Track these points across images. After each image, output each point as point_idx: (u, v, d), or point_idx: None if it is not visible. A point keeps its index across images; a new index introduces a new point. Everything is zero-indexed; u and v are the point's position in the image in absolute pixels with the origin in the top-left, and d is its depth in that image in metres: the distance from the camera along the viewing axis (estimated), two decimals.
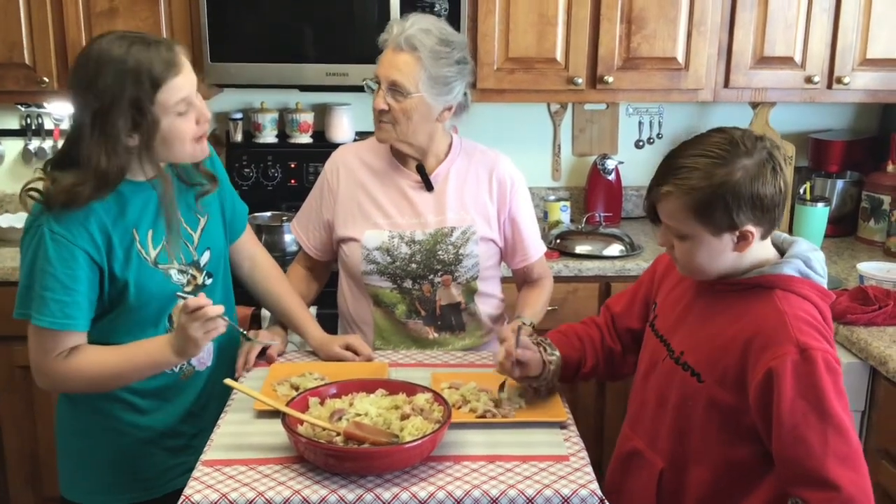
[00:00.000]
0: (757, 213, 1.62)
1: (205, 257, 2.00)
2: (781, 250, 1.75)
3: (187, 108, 1.80)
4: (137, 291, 1.87)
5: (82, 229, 1.80)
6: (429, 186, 2.27)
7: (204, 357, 2.02)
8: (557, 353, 1.95)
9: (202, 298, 1.76)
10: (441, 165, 2.29)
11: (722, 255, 1.67)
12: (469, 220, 2.27)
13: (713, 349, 1.69)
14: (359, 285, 2.31)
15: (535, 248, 2.38)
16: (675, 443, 1.76)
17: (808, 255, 1.71)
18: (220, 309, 1.77)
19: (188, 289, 1.96)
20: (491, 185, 2.31)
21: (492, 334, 2.39)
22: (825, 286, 1.71)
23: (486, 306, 2.36)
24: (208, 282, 2.01)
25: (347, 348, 2.15)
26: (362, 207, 2.27)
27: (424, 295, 2.27)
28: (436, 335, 2.31)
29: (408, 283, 2.26)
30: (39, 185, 1.81)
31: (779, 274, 1.67)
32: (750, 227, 1.63)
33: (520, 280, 2.44)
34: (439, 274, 2.26)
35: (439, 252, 2.25)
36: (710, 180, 1.60)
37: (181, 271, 1.94)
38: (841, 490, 1.55)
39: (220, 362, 2.07)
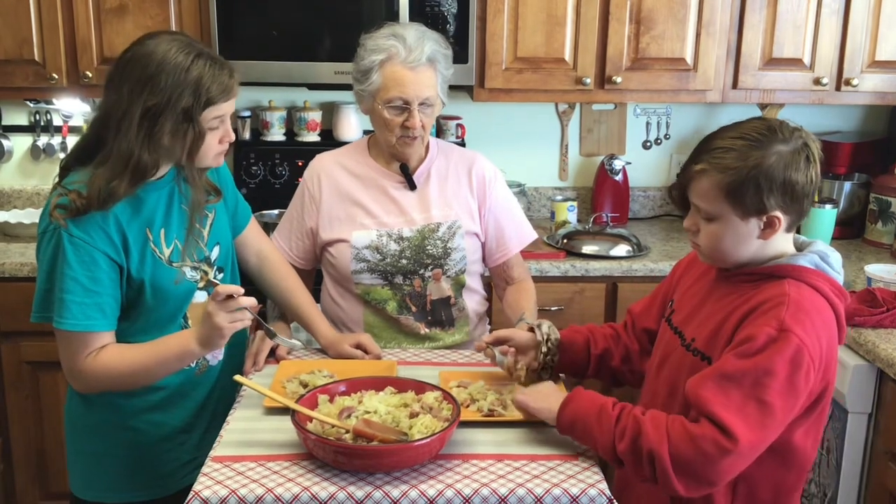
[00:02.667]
0: (787, 199, 1.62)
1: (215, 252, 2.02)
2: (800, 250, 1.76)
3: (219, 125, 1.85)
4: (153, 291, 1.88)
5: (100, 231, 1.81)
6: (412, 185, 2.30)
7: (217, 351, 2.02)
8: (556, 332, 2.00)
9: (233, 286, 1.76)
10: (422, 165, 2.33)
11: (747, 240, 1.67)
12: (453, 215, 2.31)
13: (715, 327, 1.70)
14: (347, 285, 2.32)
15: (515, 240, 2.41)
16: None
17: (825, 251, 1.71)
18: (251, 301, 1.78)
19: (200, 285, 1.96)
20: (471, 181, 2.35)
21: (479, 329, 2.43)
22: (840, 283, 1.71)
23: (472, 302, 2.39)
24: (219, 277, 2.02)
25: (358, 347, 2.16)
26: (347, 211, 2.30)
27: (415, 290, 2.29)
28: (427, 330, 2.33)
29: (398, 279, 2.28)
30: (58, 198, 1.80)
31: (793, 264, 1.68)
32: (778, 214, 1.63)
33: (500, 282, 2.46)
34: (429, 268, 2.29)
35: (428, 247, 2.27)
36: (744, 161, 1.61)
37: (194, 268, 1.95)
38: (737, 441, 1.54)
39: (230, 357, 2.07)
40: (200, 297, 1.98)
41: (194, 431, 2.02)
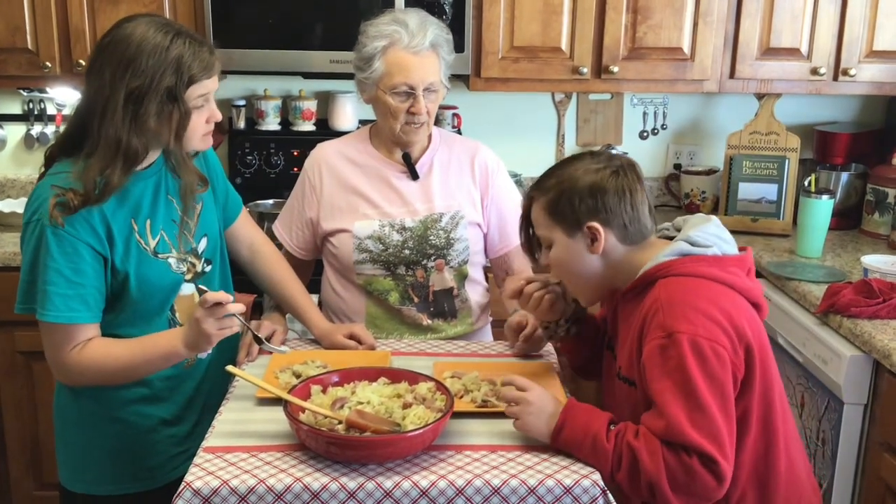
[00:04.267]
0: (598, 209, 1.72)
1: (202, 244, 2.00)
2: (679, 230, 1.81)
3: (204, 104, 1.84)
4: (139, 283, 1.87)
5: (84, 222, 1.79)
6: (414, 175, 2.29)
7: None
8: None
9: (222, 294, 1.75)
10: (424, 155, 2.32)
11: (582, 258, 1.76)
12: (456, 205, 2.30)
13: (628, 350, 1.73)
14: (349, 276, 2.31)
15: (517, 232, 2.38)
16: None
17: (690, 233, 1.74)
18: (240, 307, 1.77)
19: (188, 277, 1.95)
20: (473, 171, 2.34)
21: (481, 321, 2.41)
22: (720, 252, 1.72)
23: (474, 293, 2.38)
24: (207, 269, 2.01)
25: (351, 337, 2.15)
26: (349, 201, 2.28)
27: (418, 280, 2.28)
28: (429, 322, 2.32)
29: (401, 270, 2.27)
30: (56, 199, 1.77)
31: (657, 265, 1.71)
32: (595, 224, 1.72)
33: (500, 273, 2.45)
34: (432, 258, 2.28)
35: (431, 237, 2.26)
36: (557, 179, 1.78)
37: (180, 260, 1.94)
38: (719, 462, 1.56)
39: (220, 349, 2.05)
40: (187, 289, 1.96)
41: (183, 424, 2.01)
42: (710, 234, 1.74)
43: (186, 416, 2.02)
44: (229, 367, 1.78)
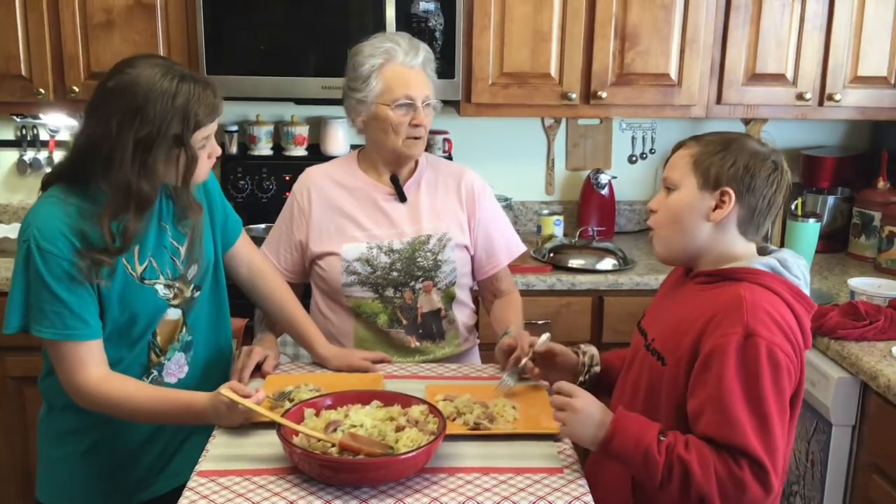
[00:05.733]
0: (744, 181, 1.72)
1: (192, 271, 1.99)
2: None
3: (206, 143, 1.86)
4: (122, 306, 1.87)
5: (67, 241, 1.78)
6: (402, 197, 2.31)
7: (174, 369, 2.00)
8: (594, 351, 2.05)
9: (239, 387, 1.80)
10: (412, 177, 2.35)
11: (696, 217, 1.76)
12: (444, 227, 2.32)
13: (675, 332, 1.74)
14: (337, 299, 2.32)
15: (504, 252, 2.42)
16: None
17: (785, 257, 1.76)
18: (260, 397, 1.81)
19: (175, 302, 1.96)
20: (460, 194, 2.37)
21: (468, 342, 2.43)
22: (802, 289, 1.74)
23: (461, 315, 2.40)
24: (196, 295, 2.01)
25: (381, 362, 2.19)
26: (337, 224, 2.30)
27: (406, 303, 2.30)
28: (417, 343, 2.33)
29: (389, 292, 2.28)
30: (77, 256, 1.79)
31: (747, 268, 1.73)
32: (730, 192, 1.72)
33: (488, 295, 2.47)
34: (420, 280, 2.29)
35: (418, 259, 2.28)
36: (721, 138, 1.80)
37: (167, 286, 1.94)
38: (769, 472, 1.58)
39: (201, 374, 2.06)
40: (173, 314, 1.96)
41: (157, 444, 2.01)
42: (800, 271, 1.77)
43: (161, 437, 2.01)
44: (224, 391, 1.78)
